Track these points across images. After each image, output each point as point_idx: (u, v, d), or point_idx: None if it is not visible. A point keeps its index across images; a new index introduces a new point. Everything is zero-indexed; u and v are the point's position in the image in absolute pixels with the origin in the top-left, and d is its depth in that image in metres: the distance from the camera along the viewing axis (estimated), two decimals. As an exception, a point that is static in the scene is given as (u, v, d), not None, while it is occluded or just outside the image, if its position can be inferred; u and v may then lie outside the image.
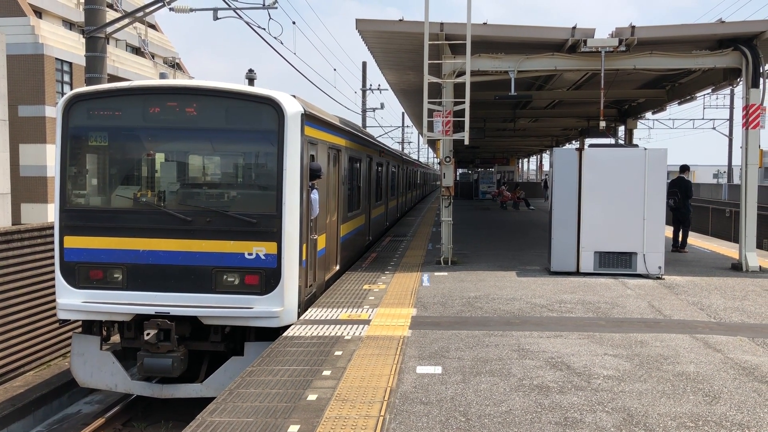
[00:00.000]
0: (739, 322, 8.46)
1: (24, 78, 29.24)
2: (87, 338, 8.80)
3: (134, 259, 8.42)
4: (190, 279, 8.33)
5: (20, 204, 29.31)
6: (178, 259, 8.37)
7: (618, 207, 11.57)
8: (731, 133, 45.68)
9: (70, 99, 8.69)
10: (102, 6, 13.33)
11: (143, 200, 8.76)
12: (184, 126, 8.67)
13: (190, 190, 9.00)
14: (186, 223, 8.39)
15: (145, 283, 8.39)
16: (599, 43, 12.18)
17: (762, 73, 12.39)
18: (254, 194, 8.92)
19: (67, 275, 8.50)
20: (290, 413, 5.26)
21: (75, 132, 8.68)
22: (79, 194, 8.84)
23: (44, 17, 32.52)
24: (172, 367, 8.19)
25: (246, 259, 8.33)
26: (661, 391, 5.76)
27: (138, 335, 8.42)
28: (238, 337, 8.65)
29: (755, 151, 12.49)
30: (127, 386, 8.76)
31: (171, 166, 8.99)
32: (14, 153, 28.21)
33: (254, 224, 8.34)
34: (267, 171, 8.73)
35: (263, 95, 8.57)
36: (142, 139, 8.86)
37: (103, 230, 8.50)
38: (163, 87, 8.85)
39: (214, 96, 8.62)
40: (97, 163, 8.95)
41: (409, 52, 14.06)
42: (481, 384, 5.92)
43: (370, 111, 46.21)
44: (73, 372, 8.89)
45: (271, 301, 8.28)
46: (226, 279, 8.34)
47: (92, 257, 8.48)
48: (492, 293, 10.14)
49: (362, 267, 12.84)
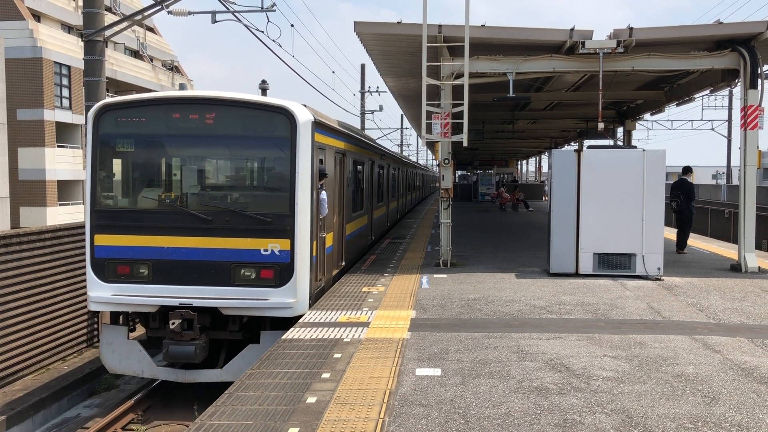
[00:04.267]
0: (738, 323, 8.46)
1: (23, 81, 29.25)
2: (115, 328, 9.53)
3: (159, 255, 9.11)
4: (210, 273, 9.03)
5: (19, 207, 29.30)
6: (200, 255, 9.08)
7: (617, 208, 11.58)
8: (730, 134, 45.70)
9: (99, 108, 9.39)
10: (100, 9, 13.32)
11: (167, 201, 9.51)
12: (204, 133, 9.37)
13: (209, 191, 9.75)
14: (206, 222, 9.10)
15: (170, 277, 9.07)
16: (597, 45, 12.19)
17: (760, 74, 12.40)
18: (269, 195, 9.64)
19: (98, 270, 9.22)
20: (289, 416, 5.26)
21: (104, 139, 9.39)
22: (107, 196, 9.58)
23: (43, 21, 32.53)
24: (194, 353, 8.85)
25: (262, 255, 9.05)
26: (660, 392, 5.76)
27: (162, 325, 9.16)
28: (254, 327, 9.26)
29: (753, 152, 12.49)
30: (153, 372, 9.46)
31: (192, 169, 9.83)
32: (13, 157, 28.20)
33: (269, 223, 9.05)
34: (281, 174, 9.42)
35: (277, 105, 9.25)
36: (166, 145, 9.68)
37: (130, 229, 9.22)
38: (185, 98, 9.64)
39: (232, 106, 9.30)
40: (125, 168, 9.64)
41: (408, 54, 14.07)
42: (481, 386, 5.92)
43: (368, 113, 46.24)
44: (103, 360, 9.63)
45: (285, 293, 9.00)
46: (243, 273, 9.04)
47: (120, 254, 9.20)
48: (491, 295, 10.14)
49: (361, 269, 12.83)
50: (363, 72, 45.57)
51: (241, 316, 9.18)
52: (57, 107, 30.91)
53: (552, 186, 11.96)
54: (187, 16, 16.32)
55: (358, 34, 12.63)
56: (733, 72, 13.27)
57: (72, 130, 32.27)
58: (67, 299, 11.29)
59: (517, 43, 12.85)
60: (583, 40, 12.18)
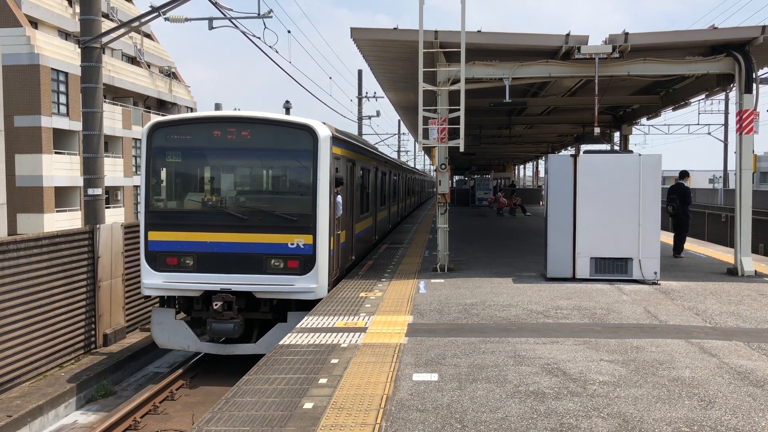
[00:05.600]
0: (735, 326, 8.48)
1: (20, 88, 29.25)
2: (164, 311, 11.16)
3: (202, 249, 10.76)
4: (245, 263, 10.68)
5: (16, 214, 29.26)
6: (236, 248, 10.73)
7: (613, 213, 11.60)
8: (726, 138, 45.84)
9: (152, 126, 11.08)
10: (97, 16, 13.36)
11: (209, 203, 11.28)
12: (240, 146, 11.05)
13: (244, 195, 11.48)
14: (242, 221, 10.79)
15: (211, 267, 10.73)
16: (593, 50, 12.23)
17: (755, 78, 12.45)
18: (295, 198, 11.28)
19: (150, 261, 10.86)
20: (286, 422, 5.26)
21: (156, 152, 11.03)
22: (159, 199, 11.32)
23: (40, 27, 32.54)
24: (233, 330, 10.56)
25: (289, 248, 10.72)
26: (657, 396, 5.77)
27: (205, 308, 10.85)
28: (282, 308, 10.93)
29: (749, 156, 12.54)
30: (198, 347, 11.16)
31: (230, 177, 11.62)
32: (10, 163, 28.17)
33: (295, 221, 10.76)
34: (304, 180, 11.10)
35: (301, 123, 11.00)
36: (207, 156, 11.36)
37: (178, 227, 10.91)
38: (224, 117, 11.29)
39: (263, 124, 11.07)
40: (173, 175, 11.39)
41: (404, 60, 14.11)
42: (478, 391, 5.92)
43: (366, 118, 46.29)
44: (154, 337, 11.25)
45: (309, 279, 10.68)
46: (273, 263, 10.73)
47: (169, 247, 10.85)
48: (488, 300, 10.15)
49: (359, 274, 12.84)
50: (360, 78, 45.69)
51: (271, 299, 10.84)
52: (54, 114, 30.91)
53: (549, 191, 11.99)
54: (184, 22, 16.35)
55: (354, 40, 12.67)
56: (728, 77, 13.32)
57: (69, 137, 32.26)
58: (64, 306, 11.29)
59: (513, 48, 12.89)
60: (579, 46, 12.22)
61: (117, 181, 35.65)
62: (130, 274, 13.40)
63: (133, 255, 13.54)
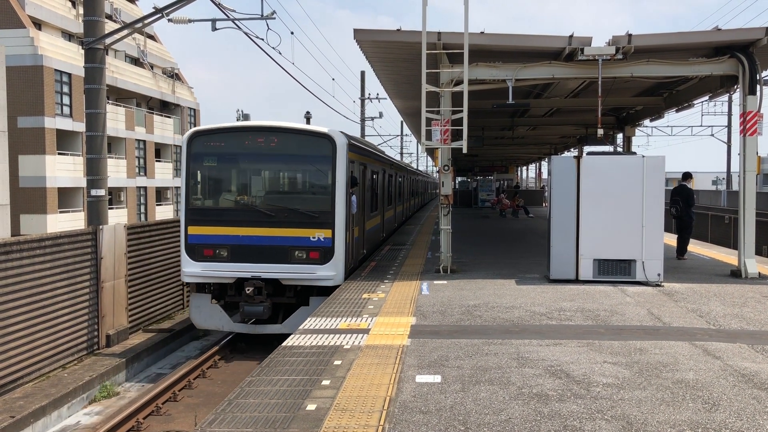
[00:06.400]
0: (739, 329, 8.46)
1: (23, 89, 29.32)
2: (201, 296, 12.58)
3: (235, 242, 12.15)
4: (273, 254, 12.07)
5: (19, 215, 29.32)
6: (265, 241, 12.12)
7: (617, 214, 11.58)
8: (729, 139, 45.73)
9: (191, 134, 12.56)
10: (101, 17, 13.37)
11: (241, 202, 12.71)
12: (268, 152, 12.53)
13: (272, 195, 12.94)
14: (270, 217, 12.22)
15: (243, 257, 12.11)
16: (596, 51, 12.21)
17: (759, 80, 12.42)
18: (316, 197, 12.55)
19: (190, 253, 12.27)
20: (289, 423, 5.25)
21: (194, 157, 12.48)
22: (197, 198, 12.74)
23: (43, 29, 32.61)
24: (263, 311, 12.00)
25: (311, 241, 12.12)
26: (661, 398, 5.76)
27: (237, 293, 12.28)
28: (304, 294, 12.35)
29: (753, 158, 12.50)
30: (231, 327, 12.57)
31: (259, 179, 13.03)
32: (13, 164, 28.24)
33: (316, 217, 12.16)
34: (324, 182, 12.43)
35: (322, 132, 12.41)
36: (240, 161, 12.78)
37: (214, 222, 12.34)
38: (255, 126, 12.67)
39: (288, 133, 12.49)
40: (209, 178, 12.83)
41: (407, 62, 14.11)
42: (481, 393, 5.91)
43: (368, 120, 46.29)
44: (192, 319, 12.78)
45: (328, 268, 12.09)
46: (297, 254, 12.11)
47: (207, 240, 12.25)
48: (491, 301, 10.14)
49: (361, 276, 12.83)
50: (363, 79, 45.65)
51: (295, 285, 12.26)
52: (58, 115, 30.98)
53: (552, 192, 11.97)
54: (188, 24, 16.36)
55: (357, 41, 12.67)
56: (732, 78, 13.29)
57: (72, 138, 32.32)
58: (66, 307, 11.29)
59: (516, 49, 12.88)
60: (582, 47, 12.20)
61: (120, 182, 35.70)
62: (132, 275, 13.41)
63: (136, 256, 13.55)
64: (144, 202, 39.26)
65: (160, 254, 14.66)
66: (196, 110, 46.76)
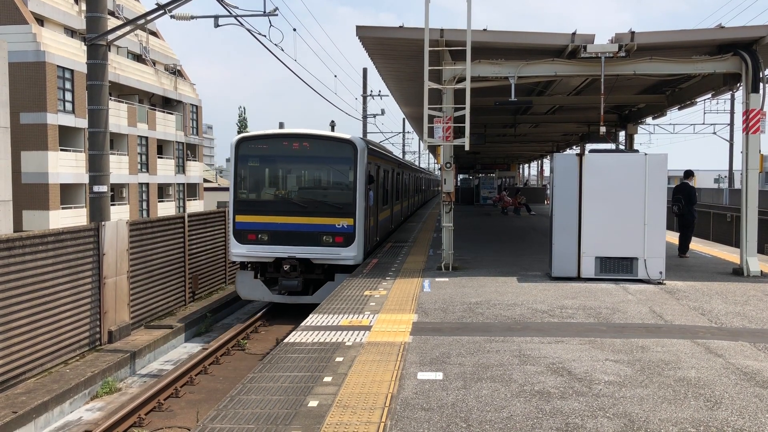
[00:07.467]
0: (741, 327, 8.46)
1: (26, 85, 29.33)
2: (245, 272, 15.24)
3: (274, 228, 14.73)
4: (305, 238, 14.66)
5: (22, 211, 29.34)
6: (299, 227, 14.67)
7: (619, 212, 11.57)
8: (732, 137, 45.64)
9: (239, 139, 15.13)
10: (103, 14, 13.36)
11: (279, 195, 15.31)
12: (303, 155, 15.02)
13: (305, 189, 15.36)
14: (303, 208, 14.79)
15: (281, 241, 14.69)
16: (599, 49, 12.19)
17: (762, 78, 12.39)
18: (341, 192, 15.07)
19: (237, 237, 14.83)
20: (291, 420, 5.26)
21: (241, 158, 15.06)
22: (243, 192, 15.26)
23: (46, 25, 32.61)
24: (297, 285, 14.60)
25: (336, 228, 14.69)
26: (663, 396, 5.76)
27: (276, 271, 14.88)
28: (330, 271, 14.96)
29: (756, 156, 12.48)
30: (271, 298, 15.19)
31: (294, 176, 15.49)
32: (16, 160, 28.26)
33: (340, 208, 14.75)
34: (347, 179, 14.99)
35: (346, 138, 15.04)
36: (278, 162, 15.46)
37: (257, 212, 14.87)
38: (291, 134, 15.27)
39: (318, 139, 15.08)
40: (253, 175, 15.37)
41: (410, 59, 14.10)
42: (483, 390, 5.92)
43: (370, 116, 46.23)
44: (238, 291, 15.36)
45: (350, 250, 14.67)
46: (325, 238, 14.66)
47: (251, 227, 14.79)
48: (493, 299, 10.14)
49: (363, 273, 12.84)
50: (365, 76, 45.55)
51: (323, 264, 14.81)
52: (60, 111, 30.99)
53: (554, 190, 11.96)
54: (190, 20, 16.36)
55: (360, 38, 12.66)
56: (734, 76, 13.27)
57: (75, 134, 32.34)
58: (69, 303, 11.31)
59: (519, 47, 12.86)
60: (585, 44, 12.18)
61: (122, 178, 35.72)
62: (135, 271, 13.43)
63: (138, 252, 13.57)
64: (146, 199, 39.29)
65: (162, 250, 14.69)
66: (198, 107, 46.75)
